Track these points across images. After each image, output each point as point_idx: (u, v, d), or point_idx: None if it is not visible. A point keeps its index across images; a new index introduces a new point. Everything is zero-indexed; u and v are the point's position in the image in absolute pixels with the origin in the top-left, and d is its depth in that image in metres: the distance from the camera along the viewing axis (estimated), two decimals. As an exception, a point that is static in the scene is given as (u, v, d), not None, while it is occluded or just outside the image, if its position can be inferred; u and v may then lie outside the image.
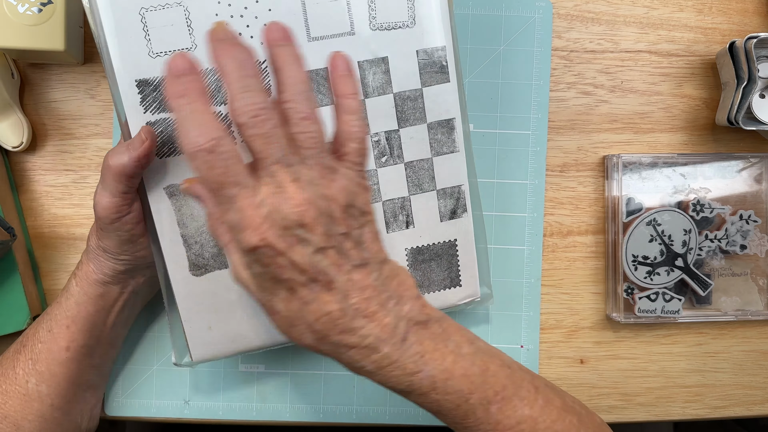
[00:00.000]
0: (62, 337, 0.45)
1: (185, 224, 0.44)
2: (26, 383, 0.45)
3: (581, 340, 0.56)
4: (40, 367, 0.45)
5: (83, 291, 0.45)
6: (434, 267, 0.49)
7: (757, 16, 0.57)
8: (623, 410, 0.57)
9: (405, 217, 0.48)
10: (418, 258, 0.49)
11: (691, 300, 0.56)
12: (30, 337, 0.46)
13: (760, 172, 0.56)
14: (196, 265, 0.45)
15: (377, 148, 0.46)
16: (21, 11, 0.47)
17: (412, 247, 0.49)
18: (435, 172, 0.48)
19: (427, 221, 0.48)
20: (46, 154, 0.54)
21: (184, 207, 0.44)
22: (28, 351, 0.46)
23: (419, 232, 0.48)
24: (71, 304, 0.45)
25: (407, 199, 0.48)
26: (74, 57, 0.51)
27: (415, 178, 0.47)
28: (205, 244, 0.44)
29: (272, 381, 0.55)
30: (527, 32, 0.55)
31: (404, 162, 0.47)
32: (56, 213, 0.54)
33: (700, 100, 0.57)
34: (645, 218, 0.54)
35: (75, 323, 0.45)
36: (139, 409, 0.54)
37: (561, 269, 0.56)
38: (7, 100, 0.51)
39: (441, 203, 0.48)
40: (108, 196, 0.41)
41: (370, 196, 0.37)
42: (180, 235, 0.44)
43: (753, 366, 0.57)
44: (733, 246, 0.56)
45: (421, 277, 0.49)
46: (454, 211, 0.49)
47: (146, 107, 0.42)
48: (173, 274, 0.44)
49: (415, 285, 0.38)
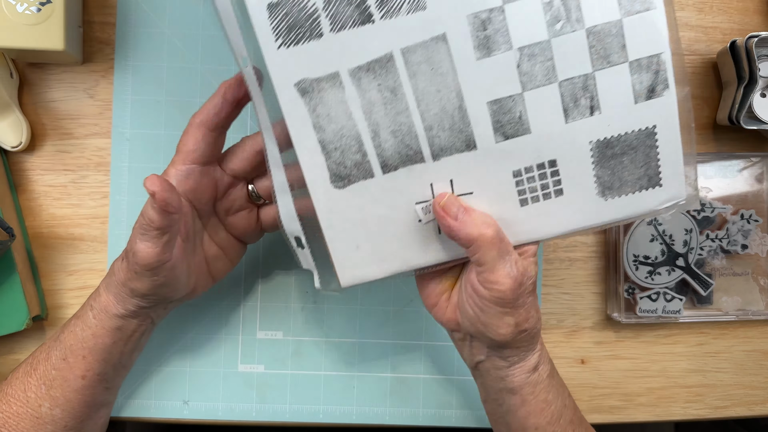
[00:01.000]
0: (78, 367, 0.45)
1: (322, 127, 0.38)
2: (39, 407, 0.45)
3: (582, 340, 0.56)
4: (55, 393, 0.45)
5: (101, 324, 0.44)
6: (627, 163, 0.40)
7: (758, 15, 0.57)
8: (624, 410, 0.56)
9: (589, 100, 0.38)
10: (607, 153, 0.40)
11: (692, 300, 0.56)
12: (42, 362, 0.45)
13: (761, 171, 0.56)
14: (337, 176, 0.39)
15: (549, 12, 0.37)
16: (20, 11, 0.47)
17: (598, 140, 0.39)
18: (626, 38, 0.37)
19: (617, 104, 0.39)
20: (45, 153, 0.54)
21: (319, 106, 0.38)
22: (40, 376, 0.45)
23: (607, 119, 0.39)
24: (88, 336, 0.44)
25: (591, 76, 0.38)
26: (74, 57, 0.51)
27: (601, 48, 0.37)
28: (346, 150, 0.39)
29: (272, 381, 0.54)
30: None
31: (585, 27, 0.37)
32: (55, 213, 0.54)
33: (701, 99, 0.57)
34: (646, 218, 0.54)
35: (92, 354, 0.45)
36: (138, 409, 0.54)
37: (562, 269, 0.56)
38: (5, 99, 0.51)
39: (635, 79, 0.38)
40: (150, 247, 0.39)
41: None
42: (317, 141, 0.38)
43: (754, 366, 0.57)
44: (734, 246, 0.55)
45: (610, 176, 0.40)
46: (652, 89, 0.39)
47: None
48: (313, 188, 0.39)
49: None
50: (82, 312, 0.45)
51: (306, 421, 0.55)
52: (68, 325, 0.46)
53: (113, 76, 0.54)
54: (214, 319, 0.54)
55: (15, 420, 0.44)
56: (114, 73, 0.54)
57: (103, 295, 0.44)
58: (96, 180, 0.54)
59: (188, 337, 0.54)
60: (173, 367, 0.54)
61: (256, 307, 0.54)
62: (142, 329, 0.46)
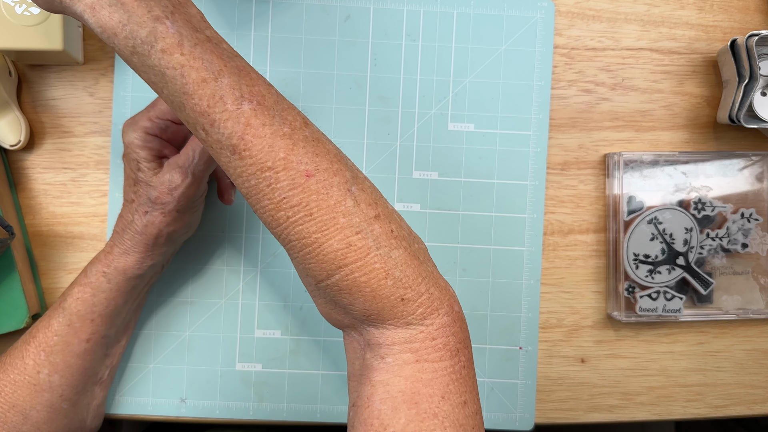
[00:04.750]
0: (84, 330, 0.46)
1: None
2: (37, 374, 0.45)
3: (582, 339, 0.56)
4: (55, 359, 0.45)
5: (116, 287, 0.46)
6: None
7: (758, 13, 0.57)
8: (624, 409, 0.56)
9: None
10: None
11: (692, 299, 0.56)
12: (42, 330, 0.46)
13: (761, 170, 0.56)
14: None
15: None
16: (19, 12, 0.47)
17: None
18: None
19: None
20: (45, 152, 0.54)
21: None
22: (39, 342, 0.46)
23: None
24: (100, 300, 0.46)
25: None
26: (74, 57, 0.51)
27: None
28: None
29: (269, 380, 0.54)
30: (529, 32, 0.55)
31: None
32: (54, 211, 0.54)
33: (702, 98, 0.57)
34: (646, 216, 0.54)
35: (101, 317, 0.46)
36: (135, 407, 0.54)
37: (562, 268, 0.56)
38: (4, 98, 0.51)
39: None
40: (186, 175, 0.44)
41: None
42: None
43: (754, 365, 0.57)
44: (735, 244, 0.55)
45: None
46: None
47: None
48: None
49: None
50: (90, 279, 0.46)
51: (303, 420, 0.54)
52: (70, 293, 0.46)
53: (113, 74, 0.54)
54: (211, 318, 0.54)
55: (11, 388, 0.45)
56: (114, 71, 0.54)
57: (120, 260, 0.46)
58: (95, 178, 0.54)
59: (186, 335, 0.54)
60: (171, 365, 0.54)
61: (254, 306, 0.54)
62: (152, 282, 0.50)
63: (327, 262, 0.34)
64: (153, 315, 0.54)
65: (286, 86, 0.54)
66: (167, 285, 0.54)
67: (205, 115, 0.33)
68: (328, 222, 0.34)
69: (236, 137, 0.33)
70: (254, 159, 0.34)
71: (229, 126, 0.33)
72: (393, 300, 0.35)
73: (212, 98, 0.33)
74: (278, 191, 0.34)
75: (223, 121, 0.33)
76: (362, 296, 0.35)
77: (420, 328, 0.35)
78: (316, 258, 0.34)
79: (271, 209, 0.34)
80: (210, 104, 0.33)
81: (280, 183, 0.34)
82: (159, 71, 0.33)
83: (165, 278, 0.54)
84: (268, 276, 0.55)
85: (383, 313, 0.35)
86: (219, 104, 0.33)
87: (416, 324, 0.35)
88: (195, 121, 0.34)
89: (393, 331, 0.35)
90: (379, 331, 0.36)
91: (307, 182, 0.34)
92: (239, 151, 0.34)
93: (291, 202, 0.34)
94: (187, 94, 0.33)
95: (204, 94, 0.33)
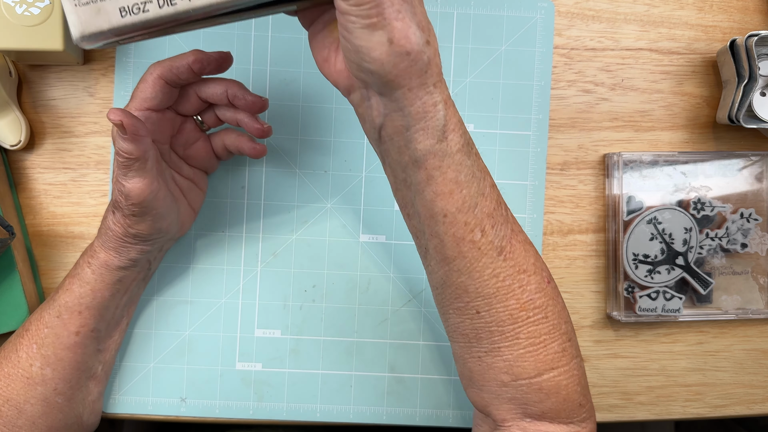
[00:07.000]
0: (73, 323, 0.46)
1: None
2: (30, 367, 0.45)
3: (581, 339, 0.56)
4: (46, 351, 0.45)
5: (101, 279, 0.46)
6: None
7: (758, 14, 0.57)
8: (624, 409, 0.56)
9: None
10: None
11: (691, 298, 0.56)
12: (34, 322, 0.46)
13: (761, 170, 0.56)
14: None
15: None
16: (19, 12, 0.47)
17: None
18: None
19: None
20: (45, 152, 0.54)
21: None
22: (32, 335, 0.46)
23: None
24: (86, 292, 0.46)
25: None
26: (74, 57, 0.51)
27: None
28: None
29: (269, 380, 0.54)
30: (529, 33, 0.55)
31: None
32: (55, 211, 0.54)
33: (701, 98, 0.57)
34: (646, 216, 0.54)
35: (89, 310, 0.46)
36: (135, 406, 0.54)
37: (561, 268, 0.56)
38: (4, 98, 0.51)
39: None
40: (140, 181, 0.42)
41: None
42: None
43: (754, 365, 0.57)
44: (734, 244, 0.55)
45: None
46: None
47: None
48: None
49: None
50: (77, 271, 0.46)
51: (303, 419, 0.54)
52: (62, 285, 0.47)
53: (114, 74, 0.54)
54: (212, 317, 0.54)
55: (5, 381, 0.45)
56: (114, 71, 0.54)
57: (101, 253, 0.46)
58: (96, 178, 0.54)
59: (186, 334, 0.54)
60: (171, 365, 0.54)
61: (254, 305, 0.54)
62: (140, 277, 0.49)
63: (544, 362, 0.39)
64: (153, 314, 0.54)
65: (286, 86, 0.54)
66: (167, 285, 0.54)
67: (491, 217, 0.38)
68: (556, 326, 0.39)
69: (506, 240, 0.38)
70: (515, 261, 0.38)
71: (502, 229, 0.38)
72: (575, 405, 0.40)
73: (498, 203, 0.39)
74: (527, 293, 0.38)
75: (500, 224, 0.38)
76: (557, 398, 0.39)
77: (576, 428, 0.40)
78: (536, 357, 0.39)
79: (515, 308, 0.38)
80: (495, 207, 0.38)
81: (530, 285, 0.38)
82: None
83: (165, 278, 0.54)
84: (268, 276, 0.55)
85: (562, 413, 0.40)
86: (498, 209, 0.39)
87: (574, 425, 0.40)
88: (480, 221, 0.38)
89: (556, 426, 0.40)
90: (544, 425, 0.40)
91: (547, 287, 0.39)
92: (505, 253, 0.38)
93: (535, 304, 0.38)
94: (483, 195, 0.38)
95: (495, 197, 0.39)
